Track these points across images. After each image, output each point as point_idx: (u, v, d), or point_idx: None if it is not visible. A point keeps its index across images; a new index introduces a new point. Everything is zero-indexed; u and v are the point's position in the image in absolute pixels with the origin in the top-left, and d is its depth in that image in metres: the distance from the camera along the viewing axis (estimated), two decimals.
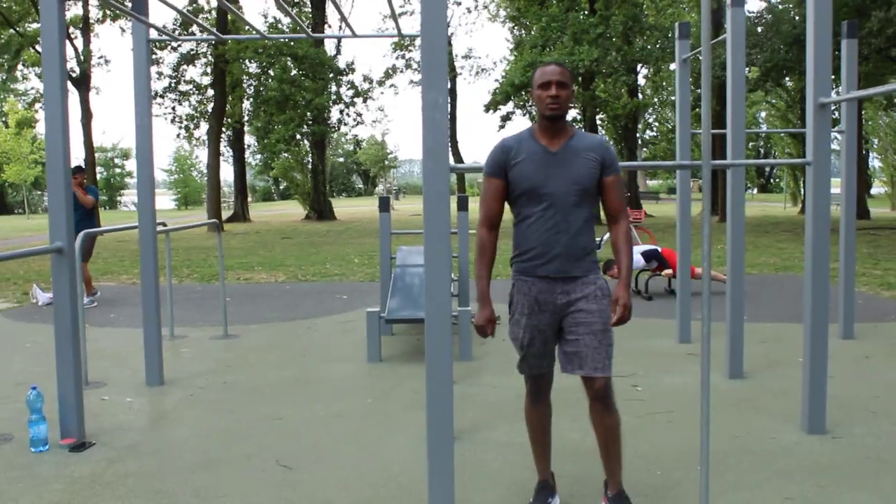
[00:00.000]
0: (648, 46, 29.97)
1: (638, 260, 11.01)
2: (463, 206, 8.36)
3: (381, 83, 39.11)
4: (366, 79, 37.99)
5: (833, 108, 6.60)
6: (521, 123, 52.69)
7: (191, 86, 36.99)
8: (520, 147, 3.59)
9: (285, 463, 4.65)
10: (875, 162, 53.98)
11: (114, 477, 4.47)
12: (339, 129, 39.88)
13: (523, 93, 30.89)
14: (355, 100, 36.88)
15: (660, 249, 11.22)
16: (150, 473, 4.52)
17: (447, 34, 3.30)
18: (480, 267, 3.69)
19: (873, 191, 56.79)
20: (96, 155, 40.69)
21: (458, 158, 42.19)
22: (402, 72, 41.12)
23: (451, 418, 3.49)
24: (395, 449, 4.88)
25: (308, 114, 33.01)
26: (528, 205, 3.58)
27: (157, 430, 5.37)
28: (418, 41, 3.31)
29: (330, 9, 38.55)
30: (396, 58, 41.38)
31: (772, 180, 77.34)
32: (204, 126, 36.86)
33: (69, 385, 5.05)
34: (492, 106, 33.70)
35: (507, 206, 3.71)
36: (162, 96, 35.79)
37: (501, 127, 36.02)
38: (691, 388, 6.12)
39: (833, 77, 14.22)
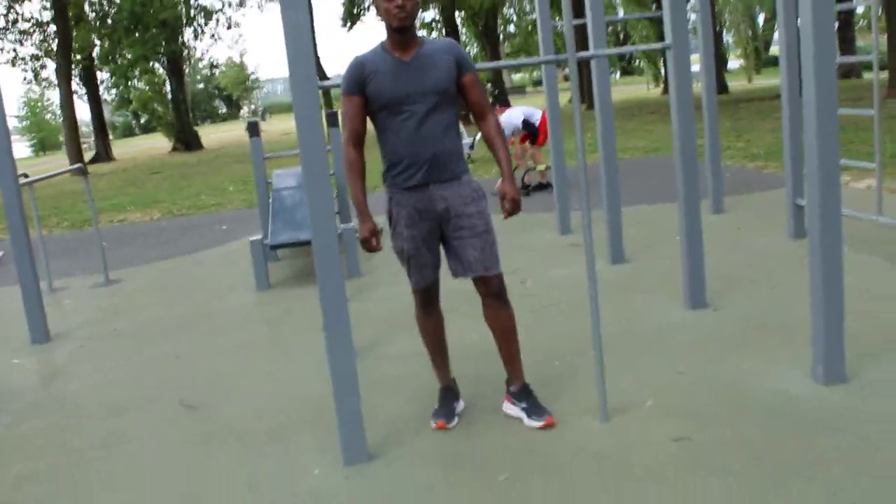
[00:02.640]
0: None
1: (517, 125, 11.16)
2: (332, 121, 8.26)
3: (240, 4, 37.85)
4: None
5: None
6: (373, 21, 51.51)
7: (30, 23, 34.93)
8: (374, 61, 3.56)
9: (192, 401, 4.63)
10: (728, 37, 55.49)
11: (20, 439, 4.37)
12: (194, 48, 38.54)
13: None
14: (209, 19, 35.66)
15: (539, 114, 11.33)
16: (56, 430, 4.44)
17: None
18: (354, 183, 3.68)
19: (729, 66, 58.48)
20: None
21: (322, 75, 41.40)
22: None
23: (349, 335, 3.52)
24: (300, 373, 4.91)
25: (161, 35, 31.70)
26: (389, 117, 3.57)
27: (53, 387, 5.25)
28: None
29: None
30: None
31: (632, 62, 78.68)
32: (51, 65, 35.02)
33: None
34: (345, 20, 33.06)
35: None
36: None
37: (349, 29, 35.39)
38: (578, 278, 6.29)
39: None
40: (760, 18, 55.73)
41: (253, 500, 3.37)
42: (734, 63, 60.58)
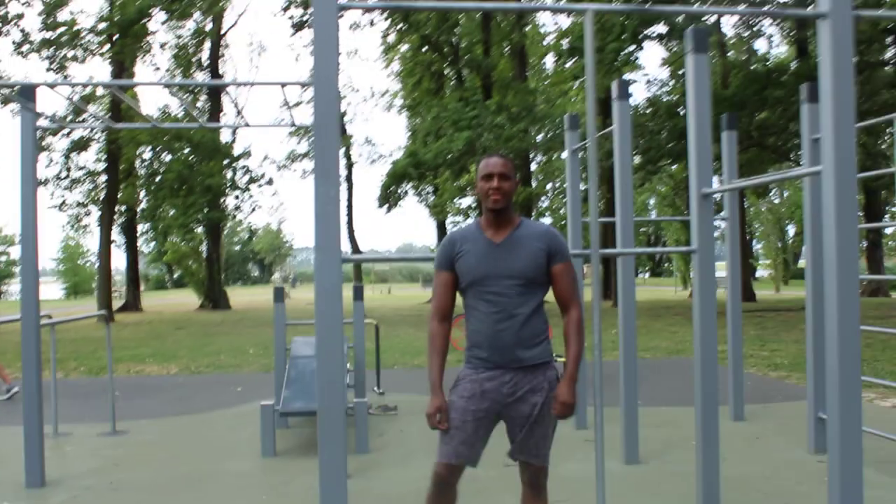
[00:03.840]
0: (539, 136, 30.79)
1: None
2: (358, 295, 8.33)
3: (280, 167, 39.09)
4: (263, 161, 38.05)
5: (716, 196, 6.85)
6: (411, 204, 52.84)
7: (82, 172, 36.19)
8: (465, 239, 3.62)
9: None
10: (758, 247, 56.28)
11: None
12: (234, 216, 39.56)
13: (406, 180, 31.33)
14: (250, 186, 36.79)
15: None
16: None
17: (339, 128, 3.34)
18: (432, 357, 3.65)
19: (758, 274, 59.01)
20: None
21: (356, 247, 42.19)
22: (299, 160, 41.13)
23: None
24: None
25: (203, 200, 32.65)
26: (474, 296, 3.59)
27: None
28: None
29: (226, 97, 38.64)
30: (298, 143, 41.39)
31: (662, 264, 79.59)
32: (94, 212, 36.02)
33: None
34: (384, 199, 33.93)
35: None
36: (46, 183, 34.87)
37: (388, 211, 36.10)
38: (589, 474, 6.13)
39: (716, 164, 14.90)
40: (791, 230, 56.62)
41: None
42: (763, 272, 61.11)
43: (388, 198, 34.54)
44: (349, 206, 37.22)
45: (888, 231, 39.61)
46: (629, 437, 6.61)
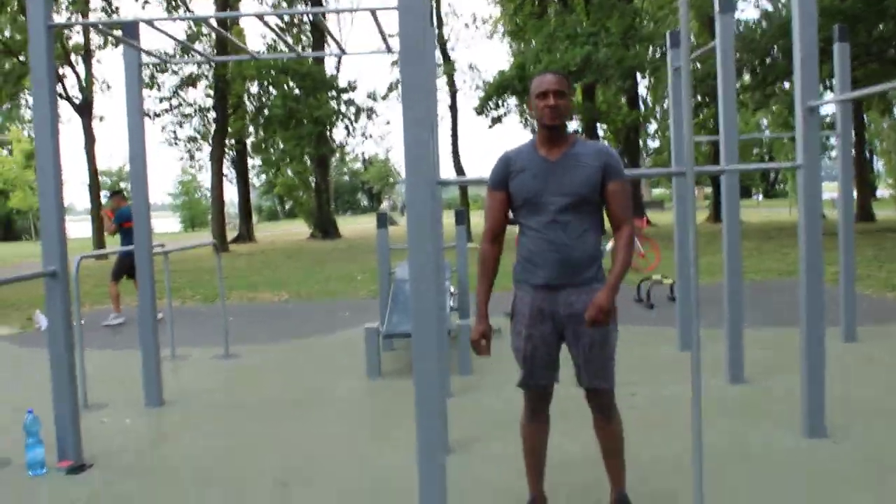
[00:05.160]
0: (646, 55, 29.94)
1: None
2: (460, 220, 8.36)
3: (384, 97, 39.17)
4: (369, 95, 38.13)
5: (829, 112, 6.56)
6: (512, 124, 52.38)
7: (192, 108, 37.13)
8: (519, 158, 3.60)
9: (283, 479, 4.65)
10: (879, 165, 53.90)
11: (112, 499, 4.48)
12: (343, 147, 39.99)
13: (510, 92, 30.59)
14: (359, 115, 37.04)
15: None
16: (149, 494, 4.54)
17: (431, 50, 3.33)
18: (481, 281, 3.68)
19: (878, 193, 56.67)
20: (103, 178, 40.82)
21: (461, 171, 42.14)
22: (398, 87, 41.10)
23: (440, 430, 3.51)
24: (392, 461, 4.88)
25: (312, 132, 33.05)
26: (528, 215, 3.58)
27: (155, 450, 5.39)
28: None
29: (331, 27, 38.80)
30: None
31: (776, 185, 77.23)
32: (207, 148, 36.98)
33: (65, 408, 5.07)
34: (482, 107, 33.43)
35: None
36: (158, 116, 35.89)
37: (490, 127, 35.71)
38: (690, 395, 6.10)
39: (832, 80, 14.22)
40: None
41: None
42: (884, 191, 58.61)
43: (486, 109, 34.03)
44: (454, 134, 37.05)
45: None
46: (734, 357, 6.52)
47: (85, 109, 29.79)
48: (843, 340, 7.96)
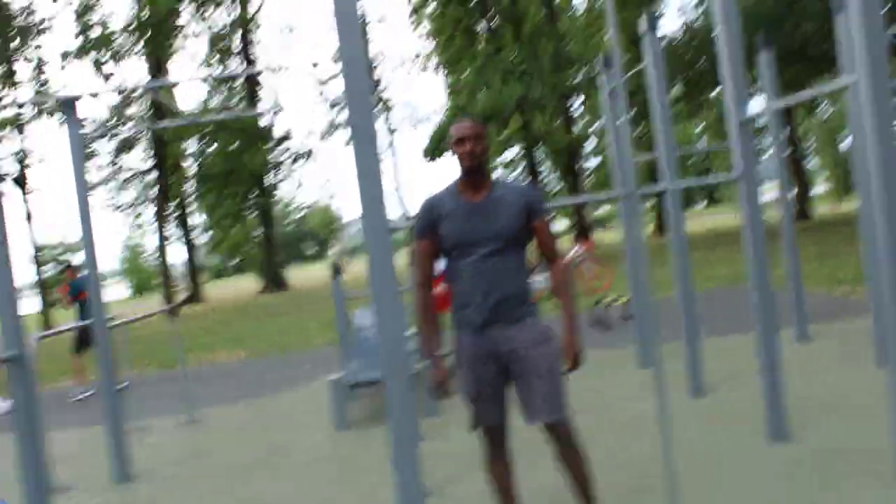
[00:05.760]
0: (576, 79, 30.49)
1: None
2: (413, 261, 8.40)
3: (322, 138, 39.27)
4: (308, 137, 38.42)
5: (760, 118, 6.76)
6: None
7: (131, 172, 36.86)
8: (443, 203, 3.65)
9: None
10: (814, 161, 55.19)
11: None
12: (277, 195, 40.01)
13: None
14: (297, 161, 37.20)
15: None
16: None
17: (371, 97, 3.38)
18: (424, 328, 3.71)
19: (817, 190, 58.00)
20: (42, 253, 40.22)
21: (407, 212, 42.16)
22: (339, 129, 41.15)
23: (417, 474, 3.51)
24: None
25: (249, 186, 33.07)
26: (457, 258, 3.63)
27: None
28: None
29: (262, 82, 38.83)
30: (337, 114, 41.38)
31: (716, 190, 78.59)
32: (147, 211, 36.75)
33: (35, 493, 4.97)
34: (428, 153, 33.78)
35: None
36: (97, 185, 35.59)
37: (440, 169, 36.21)
38: (656, 412, 6.18)
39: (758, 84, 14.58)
40: (848, 141, 55.39)
41: None
42: (822, 187, 59.98)
43: (435, 152, 34.37)
44: (396, 173, 37.29)
45: None
46: (694, 370, 6.63)
47: (21, 182, 29.41)
48: (797, 341, 8.11)
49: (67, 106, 6.23)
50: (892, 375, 3.74)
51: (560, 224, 51.25)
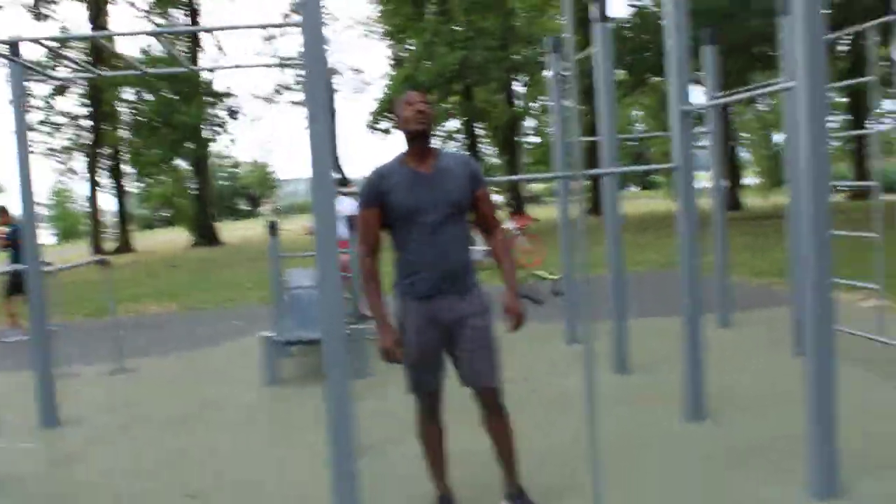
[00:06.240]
0: (520, 55, 30.64)
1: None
2: (353, 226, 8.46)
3: (268, 100, 38.89)
4: (252, 98, 37.95)
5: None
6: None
7: (65, 118, 35.97)
8: (392, 174, 3.72)
9: (193, 493, 4.69)
10: (745, 154, 56.23)
11: None
12: (208, 145, 39.53)
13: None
14: (235, 116, 36.79)
15: None
16: None
17: (326, 63, 3.46)
18: (372, 294, 3.78)
19: (748, 182, 59.15)
20: None
21: (344, 179, 41.98)
22: (283, 91, 40.78)
23: (352, 434, 3.63)
24: (301, 468, 4.98)
25: (184, 138, 32.61)
26: (404, 228, 3.71)
27: (61, 472, 5.32)
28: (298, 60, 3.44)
29: (204, 34, 38.20)
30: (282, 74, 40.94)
31: (649, 175, 79.65)
32: (79, 157, 35.94)
33: None
34: (374, 124, 33.78)
35: None
36: (32, 130, 34.69)
37: (383, 138, 36.20)
38: (581, 387, 6.37)
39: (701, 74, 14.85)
40: (780, 137, 56.53)
41: None
42: (752, 180, 61.19)
43: (378, 123, 34.34)
44: (333, 137, 37.06)
45: (882, 129, 39.63)
46: (619, 348, 6.86)
47: None
48: (719, 326, 8.41)
49: (12, 48, 6.13)
50: (807, 363, 3.96)
51: (495, 199, 51.39)
